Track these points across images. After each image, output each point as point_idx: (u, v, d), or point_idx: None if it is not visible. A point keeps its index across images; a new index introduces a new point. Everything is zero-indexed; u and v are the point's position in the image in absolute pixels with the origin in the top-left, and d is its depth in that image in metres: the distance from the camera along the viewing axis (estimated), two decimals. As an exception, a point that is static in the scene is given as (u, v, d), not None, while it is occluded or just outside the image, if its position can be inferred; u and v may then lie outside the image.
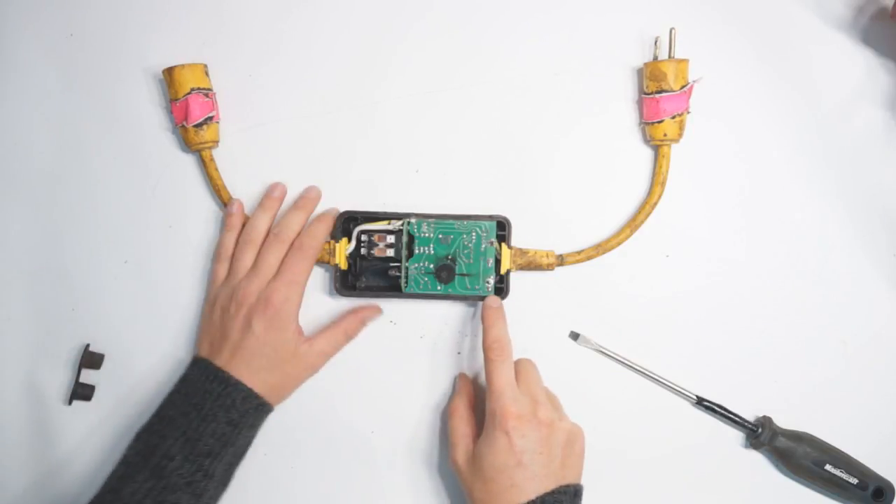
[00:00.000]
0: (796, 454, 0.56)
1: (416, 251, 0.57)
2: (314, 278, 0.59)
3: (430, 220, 0.57)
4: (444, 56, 0.60)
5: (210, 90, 0.58)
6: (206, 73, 0.59)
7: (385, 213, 0.57)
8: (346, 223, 0.58)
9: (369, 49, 0.60)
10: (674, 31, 0.57)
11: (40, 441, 0.59)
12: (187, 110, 0.57)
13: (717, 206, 0.59)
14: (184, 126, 0.58)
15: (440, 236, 0.57)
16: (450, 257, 0.57)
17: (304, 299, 0.57)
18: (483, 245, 0.57)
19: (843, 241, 0.59)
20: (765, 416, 0.58)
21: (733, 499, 0.58)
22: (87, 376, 0.59)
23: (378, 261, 0.58)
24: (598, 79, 0.59)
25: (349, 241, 0.57)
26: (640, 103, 0.59)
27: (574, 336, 0.59)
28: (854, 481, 0.56)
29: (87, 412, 0.59)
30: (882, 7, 0.59)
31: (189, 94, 0.57)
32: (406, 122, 0.60)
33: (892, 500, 0.56)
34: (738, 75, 0.59)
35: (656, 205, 0.58)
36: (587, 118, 0.59)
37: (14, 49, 0.61)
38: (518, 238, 0.58)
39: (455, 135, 0.60)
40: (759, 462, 0.58)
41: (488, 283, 0.57)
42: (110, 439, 0.59)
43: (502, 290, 0.57)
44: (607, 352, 0.58)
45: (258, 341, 0.54)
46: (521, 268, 0.57)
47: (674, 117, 0.56)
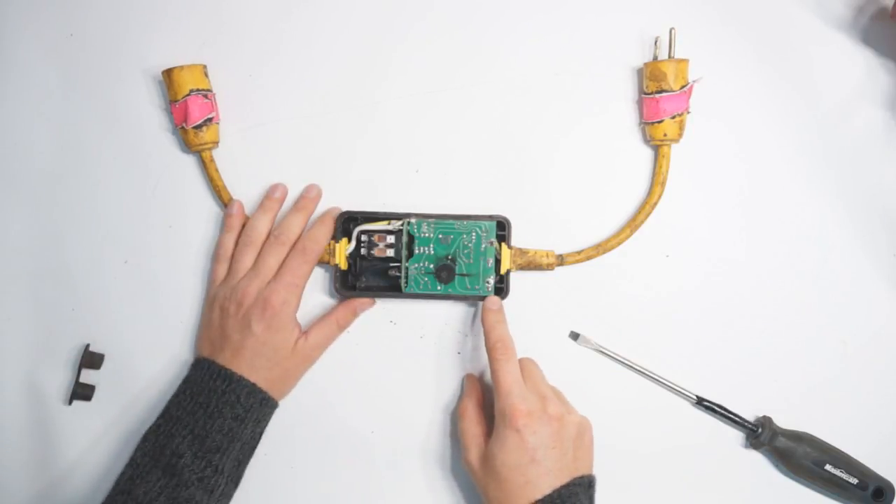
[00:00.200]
0: (796, 454, 0.56)
1: (416, 251, 0.57)
2: (314, 278, 0.59)
3: (430, 220, 0.57)
4: (444, 56, 0.60)
5: (209, 91, 0.58)
6: (206, 74, 0.59)
7: (385, 214, 0.57)
8: (346, 223, 0.58)
9: (369, 49, 0.60)
10: (674, 32, 0.57)
11: (40, 441, 0.59)
12: (187, 112, 0.57)
13: (717, 206, 0.59)
14: (183, 127, 0.58)
15: (440, 236, 0.57)
16: (450, 257, 0.57)
17: (304, 299, 0.57)
18: (483, 245, 0.57)
19: (843, 241, 0.59)
20: (765, 416, 0.58)
21: (733, 499, 0.58)
22: (87, 376, 0.59)
23: (378, 261, 0.58)
24: (599, 79, 0.59)
25: (349, 241, 0.57)
26: (640, 103, 0.59)
27: (574, 336, 0.59)
28: (854, 481, 0.56)
29: (87, 412, 0.59)
30: (882, 7, 0.59)
31: (188, 95, 0.57)
32: (406, 122, 0.60)
33: (892, 500, 0.56)
34: (738, 75, 0.59)
35: (656, 205, 0.58)
36: (587, 118, 0.59)
37: (14, 49, 0.61)
38: (518, 238, 0.58)
39: (455, 135, 0.60)
40: (759, 462, 0.58)
41: (488, 283, 0.57)
42: (111, 439, 0.59)
43: (502, 290, 0.57)
44: (607, 352, 0.58)
45: (258, 341, 0.54)
46: (521, 268, 0.57)
47: (674, 117, 0.56)
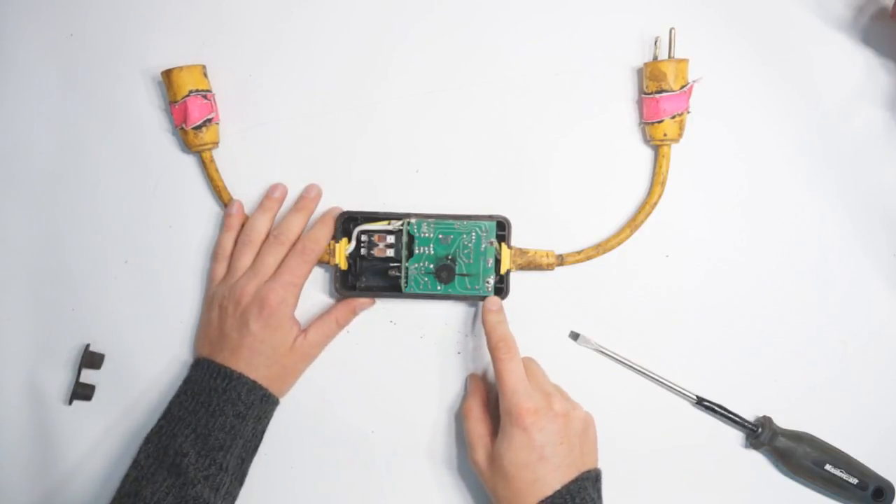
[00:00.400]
0: (796, 454, 0.56)
1: (416, 251, 0.57)
2: (315, 278, 0.59)
3: (430, 220, 0.57)
4: (444, 56, 0.60)
5: (209, 91, 0.58)
6: (205, 75, 0.59)
7: (385, 214, 0.57)
8: (346, 223, 0.58)
9: (369, 49, 0.60)
10: (673, 31, 0.57)
11: (40, 441, 0.59)
12: (186, 112, 0.57)
13: (717, 206, 0.59)
14: (183, 128, 0.58)
15: (440, 236, 0.57)
16: (450, 257, 0.57)
17: (304, 299, 0.58)
18: (483, 245, 0.57)
19: (843, 241, 0.59)
20: (765, 416, 0.58)
21: (733, 499, 0.58)
22: (87, 376, 0.59)
23: (378, 261, 0.58)
24: (599, 79, 0.59)
25: (349, 241, 0.57)
26: (640, 103, 0.59)
27: (574, 336, 0.59)
28: (854, 481, 0.56)
29: (87, 412, 0.59)
30: (882, 7, 0.59)
31: (188, 96, 0.57)
32: (406, 122, 0.60)
33: (892, 500, 0.56)
34: (738, 75, 0.59)
35: (656, 205, 0.58)
36: (587, 118, 0.59)
37: (14, 49, 0.61)
38: (518, 238, 0.58)
39: (455, 135, 0.60)
40: (759, 462, 0.58)
41: (488, 283, 0.57)
42: (111, 439, 0.59)
43: (502, 290, 0.57)
44: (607, 352, 0.58)
45: (255, 339, 0.54)
46: (521, 268, 0.57)
47: (674, 117, 0.56)
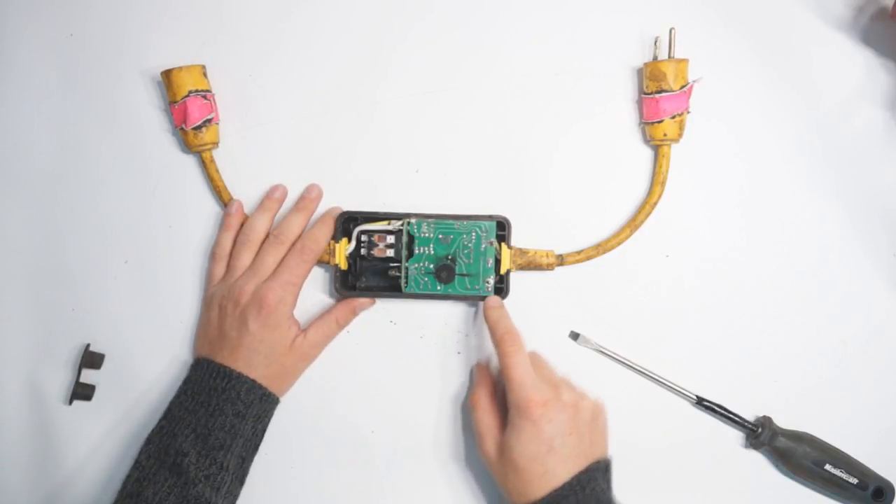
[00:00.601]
0: (796, 454, 0.56)
1: (416, 251, 0.57)
2: (315, 278, 0.59)
3: (430, 220, 0.57)
4: (444, 56, 0.60)
5: (209, 91, 0.58)
6: (205, 75, 0.59)
7: (385, 214, 0.57)
8: (346, 223, 0.58)
9: (369, 49, 0.60)
10: (673, 31, 0.57)
11: (41, 441, 0.59)
12: (186, 113, 0.57)
13: (717, 206, 0.59)
14: (183, 128, 0.58)
15: (440, 236, 0.57)
16: (450, 257, 0.57)
17: (304, 299, 0.58)
18: (483, 245, 0.57)
19: (843, 241, 0.59)
20: (765, 416, 0.58)
21: (733, 499, 0.58)
22: (88, 376, 0.59)
23: (378, 261, 0.58)
24: (599, 79, 0.59)
25: (349, 241, 0.57)
26: (640, 103, 0.59)
27: (574, 336, 0.59)
28: (854, 481, 0.56)
29: (88, 412, 0.59)
30: (882, 7, 0.59)
31: (187, 96, 0.57)
32: (406, 122, 0.60)
33: (892, 500, 0.56)
34: (738, 75, 0.59)
35: (656, 205, 0.58)
36: (587, 118, 0.59)
37: (14, 49, 0.61)
38: (518, 238, 0.58)
39: (455, 135, 0.60)
40: (759, 462, 0.58)
41: (488, 283, 0.57)
42: (111, 439, 0.59)
43: (502, 290, 0.57)
44: (607, 352, 0.58)
45: (254, 339, 0.54)
46: (521, 268, 0.57)
47: (674, 117, 0.56)
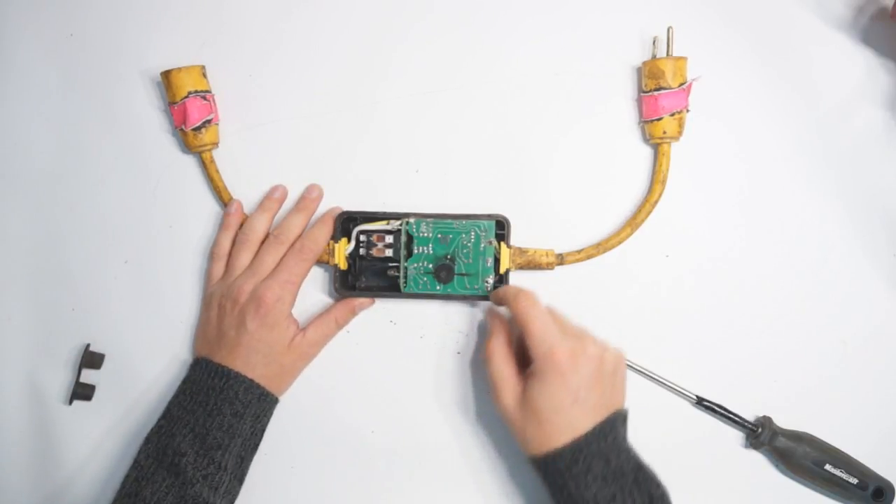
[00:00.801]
0: (796, 454, 0.56)
1: (416, 251, 0.57)
2: (314, 278, 0.59)
3: (429, 219, 0.57)
4: (444, 56, 0.60)
5: (208, 92, 0.58)
6: (204, 75, 0.59)
7: (384, 214, 0.57)
8: (346, 223, 0.58)
9: (369, 49, 0.60)
10: (671, 30, 0.57)
11: (41, 441, 0.59)
12: (185, 114, 0.57)
13: (717, 205, 0.59)
14: (183, 129, 0.58)
15: (439, 236, 0.57)
16: (449, 257, 0.57)
17: (304, 299, 0.58)
18: (482, 244, 0.57)
19: (843, 241, 0.59)
20: (765, 416, 0.58)
21: (733, 499, 0.58)
22: (88, 376, 0.59)
23: (377, 261, 0.58)
24: (598, 78, 0.59)
25: (348, 241, 0.57)
26: (639, 102, 0.59)
27: (574, 336, 0.59)
28: (854, 481, 0.56)
29: (88, 412, 0.59)
30: (882, 7, 0.59)
31: (187, 97, 0.57)
32: (406, 122, 0.60)
33: (892, 500, 0.56)
34: (737, 75, 0.59)
35: (657, 203, 0.58)
36: (587, 118, 0.59)
37: (14, 49, 0.61)
38: (518, 237, 0.58)
39: (455, 135, 0.60)
40: (759, 462, 0.58)
41: (487, 282, 0.57)
42: (111, 439, 0.59)
43: (498, 288, 0.57)
44: (607, 352, 0.58)
45: (252, 338, 0.54)
46: (521, 267, 0.57)
47: (673, 115, 0.56)
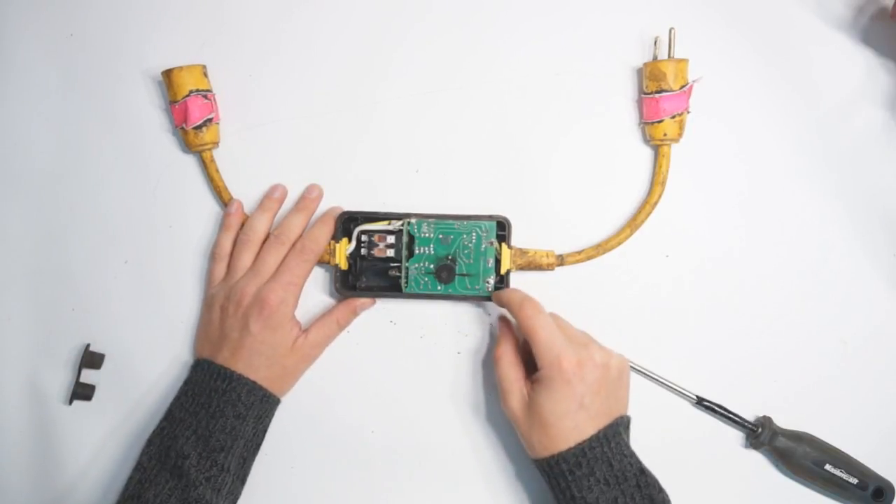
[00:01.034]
0: (796, 454, 0.56)
1: (417, 251, 0.57)
2: (315, 278, 0.59)
3: (430, 220, 0.57)
4: (444, 56, 0.60)
5: (209, 91, 0.58)
6: (205, 75, 0.59)
7: (385, 214, 0.57)
8: (347, 223, 0.58)
9: (369, 49, 0.60)
10: (673, 31, 0.57)
11: (41, 441, 0.59)
12: (186, 112, 0.57)
13: (717, 206, 0.59)
14: (183, 128, 0.58)
15: (440, 236, 0.57)
16: (450, 257, 0.57)
17: (305, 299, 0.58)
18: (483, 245, 0.57)
19: (843, 241, 0.59)
20: (765, 416, 0.58)
21: (733, 499, 0.58)
22: (88, 376, 0.59)
23: (378, 261, 0.58)
24: (599, 79, 0.59)
25: (349, 241, 0.57)
26: (640, 103, 0.59)
27: (574, 336, 0.59)
28: (854, 481, 0.56)
29: (88, 412, 0.59)
30: (882, 7, 0.59)
31: (188, 96, 0.57)
32: (406, 122, 0.60)
33: (892, 500, 0.56)
34: (738, 75, 0.59)
35: (656, 204, 0.58)
36: (587, 118, 0.59)
37: (14, 49, 0.61)
38: (518, 238, 0.58)
39: (455, 135, 0.60)
40: (759, 462, 0.58)
41: (488, 283, 0.57)
42: (111, 439, 0.59)
43: (502, 290, 0.57)
44: (607, 352, 0.58)
45: (255, 340, 0.54)
46: (521, 268, 0.57)
47: (673, 117, 0.56)
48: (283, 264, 0.56)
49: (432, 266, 0.57)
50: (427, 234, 0.57)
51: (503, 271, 0.57)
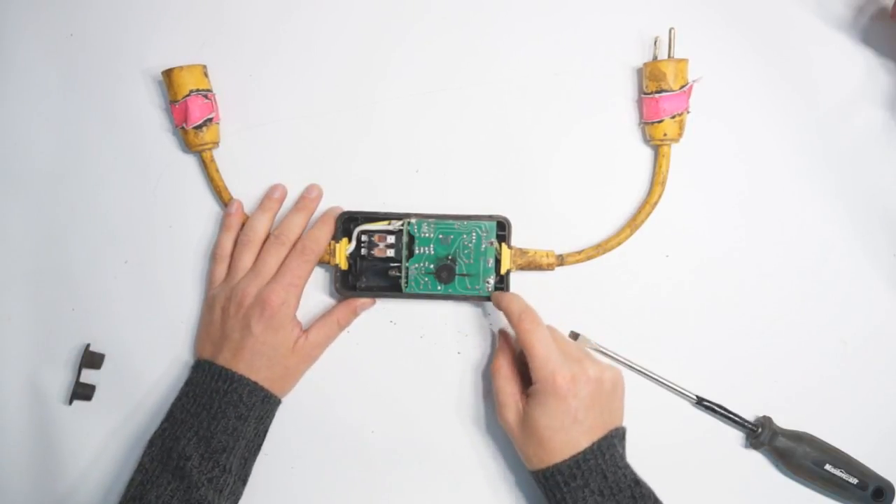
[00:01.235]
0: (796, 454, 0.56)
1: (417, 251, 0.57)
2: (315, 278, 0.59)
3: (430, 220, 0.57)
4: (444, 56, 0.60)
5: (209, 91, 0.58)
6: (206, 74, 0.59)
7: (385, 214, 0.57)
8: (347, 223, 0.58)
9: (369, 49, 0.60)
10: (673, 31, 0.57)
11: (41, 441, 0.59)
12: (187, 112, 0.57)
13: (717, 206, 0.59)
14: (184, 128, 0.58)
15: (440, 236, 0.57)
16: (450, 257, 0.57)
17: (305, 299, 0.58)
18: (483, 245, 0.57)
19: (843, 241, 0.59)
20: (765, 416, 0.58)
21: (733, 499, 0.58)
22: (88, 376, 0.59)
23: (378, 261, 0.58)
24: (598, 79, 0.59)
25: (349, 241, 0.57)
26: (639, 103, 0.59)
27: (574, 336, 0.59)
28: (854, 481, 0.56)
29: (88, 412, 0.59)
30: (882, 7, 0.59)
31: (188, 95, 0.57)
32: (406, 122, 0.60)
33: (892, 500, 0.56)
34: (738, 75, 0.59)
35: (656, 204, 0.58)
36: (587, 118, 0.59)
37: (14, 49, 0.61)
38: (518, 238, 0.58)
39: (455, 135, 0.60)
40: (759, 462, 0.58)
41: (488, 283, 0.57)
42: (111, 439, 0.59)
43: (502, 290, 0.57)
44: (607, 352, 0.58)
45: (257, 341, 0.54)
46: (522, 268, 0.57)
47: (673, 117, 0.56)
48: (283, 265, 0.56)
49: (432, 266, 0.57)
50: (427, 234, 0.57)
51: (503, 271, 0.57)
